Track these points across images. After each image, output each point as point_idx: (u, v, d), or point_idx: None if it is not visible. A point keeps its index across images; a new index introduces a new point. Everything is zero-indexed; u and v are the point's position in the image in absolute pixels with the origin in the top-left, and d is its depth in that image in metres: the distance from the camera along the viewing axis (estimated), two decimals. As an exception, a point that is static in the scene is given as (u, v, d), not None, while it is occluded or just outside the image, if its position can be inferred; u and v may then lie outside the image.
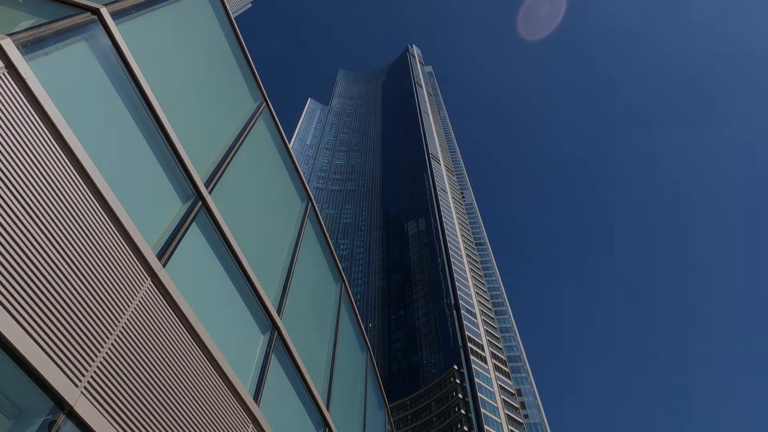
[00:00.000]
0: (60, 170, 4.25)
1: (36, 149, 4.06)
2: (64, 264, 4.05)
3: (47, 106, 4.23)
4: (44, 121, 4.21)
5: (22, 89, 4.03)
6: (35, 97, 4.13)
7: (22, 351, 3.50)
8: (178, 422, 4.88)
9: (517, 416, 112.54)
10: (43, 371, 3.64)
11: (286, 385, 7.72)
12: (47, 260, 3.91)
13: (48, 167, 4.14)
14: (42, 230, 3.92)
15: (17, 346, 3.46)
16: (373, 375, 13.96)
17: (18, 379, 3.59)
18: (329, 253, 11.60)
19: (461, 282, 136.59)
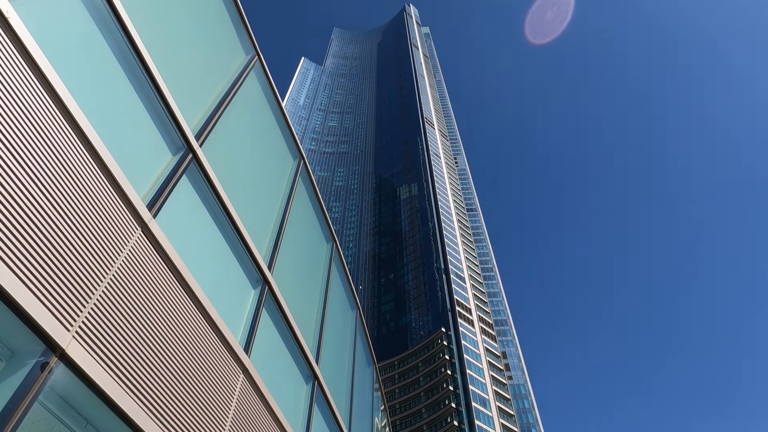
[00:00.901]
0: (49, 119, 4.19)
1: (23, 97, 3.99)
2: (54, 212, 4.05)
3: (34, 51, 4.13)
4: (31, 67, 4.11)
5: (6, 30, 3.91)
6: (21, 41, 4.02)
7: (14, 295, 3.53)
8: (170, 369, 4.99)
9: (502, 377, 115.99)
10: (35, 315, 3.69)
11: (276, 339, 7.87)
12: (38, 209, 3.89)
13: (36, 115, 4.07)
14: (32, 179, 3.89)
15: (9, 291, 3.49)
16: (362, 333, 14.25)
17: (10, 322, 3.64)
18: (321, 212, 11.63)
19: (451, 247, 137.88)
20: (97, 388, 4.03)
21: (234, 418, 5.95)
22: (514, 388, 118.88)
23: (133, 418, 4.32)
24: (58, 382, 3.90)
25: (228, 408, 5.86)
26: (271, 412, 7.00)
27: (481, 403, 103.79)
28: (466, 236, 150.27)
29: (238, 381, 6.20)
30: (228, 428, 5.78)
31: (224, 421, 5.72)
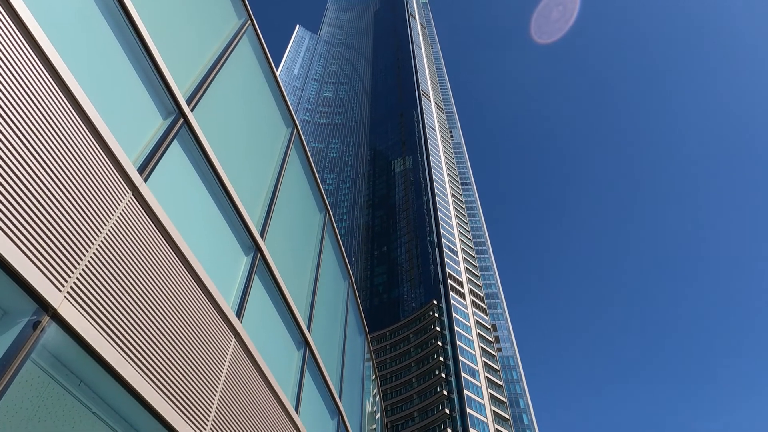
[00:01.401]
0: (40, 82, 4.14)
1: (14, 61, 3.91)
2: (45, 175, 4.03)
3: (25, 15, 4.05)
4: (22, 31, 4.04)
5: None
6: (12, 7, 3.94)
7: (6, 256, 3.54)
8: (162, 331, 5.05)
9: (491, 349, 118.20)
10: (27, 275, 3.71)
11: (268, 305, 7.95)
12: (29, 172, 3.87)
13: (27, 79, 4.01)
14: (23, 142, 3.86)
15: (1, 252, 3.50)
16: (354, 302, 14.41)
17: (2, 282, 3.66)
18: (314, 182, 11.60)
19: (445, 221, 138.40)
20: (90, 348, 4.08)
21: (226, 381, 6.06)
22: (503, 359, 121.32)
23: (126, 378, 4.40)
24: (50, 341, 3.95)
25: (220, 371, 5.96)
26: (263, 377, 7.13)
27: (470, 373, 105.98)
28: (460, 210, 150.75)
29: (229, 345, 6.29)
30: (220, 391, 5.89)
31: (216, 384, 5.83)
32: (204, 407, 5.50)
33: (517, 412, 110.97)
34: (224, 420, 5.86)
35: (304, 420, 8.45)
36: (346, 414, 11.43)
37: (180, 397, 5.11)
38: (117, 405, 4.69)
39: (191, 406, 5.27)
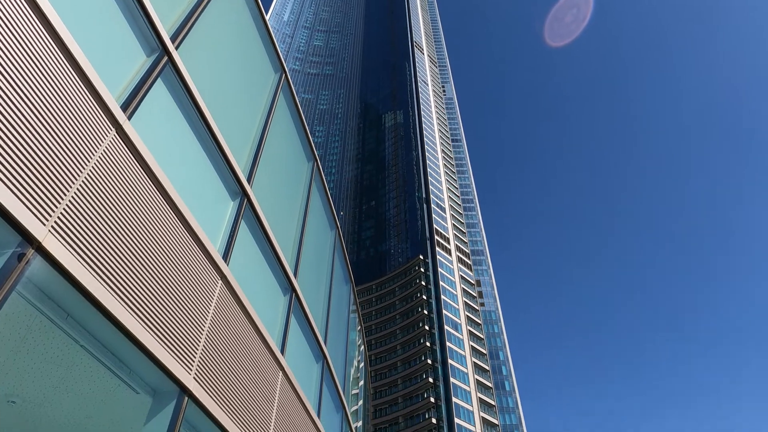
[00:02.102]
0: (20, 17, 3.98)
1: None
2: (28, 111, 3.95)
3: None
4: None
5: None
6: None
7: (-14, 186, 3.51)
8: (147, 269, 5.10)
9: (474, 304, 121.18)
10: (11, 208, 3.69)
11: (254, 251, 8.02)
12: (12, 107, 3.78)
13: (7, 14, 3.84)
14: (4, 77, 3.74)
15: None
16: (341, 252, 14.57)
17: (-16, 214, 3.64)
18: (302, 130, 11.46)
19: (434, 177, 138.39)
20: (75, 282, 4.12)
21: (212, 320, 6.18)
22: (486, 314, 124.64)
23: (113, 312, 4.47)
24: (35, 274, 3.97)
25: (206, 311, 6.07)
26: (250, 319, 7.28)
27: (453, 326, 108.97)
28: (449, 167, 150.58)
29: (216, 287, 6.38)
30: (207, 330, 6.02)
31: (203, 323, 5.95)
32: (191, 345, 5.64)
33: (497, 363, 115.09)
34: (211, 357, 6.02)
35: (290, 361, 8.71)
36: (330, 359, 11.78)
37: (167, 334, 5.22)
38: (105, 339, 4.78)
39: (178, 342, 5.40)
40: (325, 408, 11.09)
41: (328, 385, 11.65)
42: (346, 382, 14.21)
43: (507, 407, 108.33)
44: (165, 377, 5.23)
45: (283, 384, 8.26)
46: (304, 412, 9.32)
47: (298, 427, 8.87)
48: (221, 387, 6.18)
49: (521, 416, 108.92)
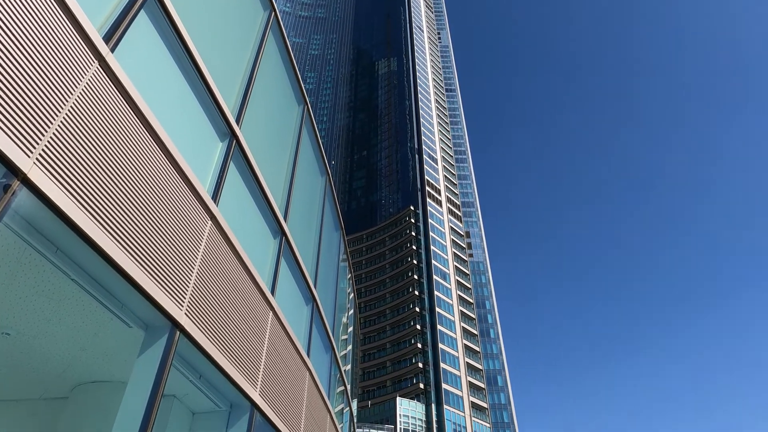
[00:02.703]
0: None
1: None
2: (8, 43, 3.81)
3: None
4: None
5: None
6: None
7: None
8: (134, 205, 5.09)
9: (463, 254, 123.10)
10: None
11: (244, 193, 8.01)
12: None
13: None
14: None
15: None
16: (331, 198, 14.59)
17: (-34, 144, 3.58)
18: (292, 72, 11.19)
19: (427, 127, 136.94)
20: (63, 215, 4.12)
21: (203, 259, 6.25)
22: (474, 264, 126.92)
23: (102, 247, 4.50)
24: (22, 206, 3.97)
25: (197, 250, 6.12)
26: (240, 259, 7.37)
27: (441, 276, 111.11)
28: (443, 117, 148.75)
29: (206, 226, 6.41)
30: (197, 268, 6.10)
31: (193, 261, 6.02)
32: (182, 281, 5.72)
33: (483, 312, 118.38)
34: (202, 295, 6.13)
35: (280, 302, 8.89)
36: (320, 302, 12.04)
37: (158, 270, 5.28)
38: (95, 273, 4.84)
39: (169, 279, 5.47)
40: (314, 348, 11.44)
41: (318, 327, 11.97)
42: (335, 325, 14.59)
43: (491, 353, 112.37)
44: (157, 312, 5.34)
45: (273, 323, 8.47)
46: (294, 350, 9.62)
47: (289, 364, 9.17)
48: (212, 323, 6.33)
49: (504, 362, 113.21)
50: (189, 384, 6.60)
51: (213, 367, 6.36)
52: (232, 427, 7.34)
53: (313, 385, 10.86)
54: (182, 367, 6.26)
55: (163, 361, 5.34)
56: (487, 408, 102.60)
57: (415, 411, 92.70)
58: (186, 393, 6.89)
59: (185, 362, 6.25)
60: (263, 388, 7.77)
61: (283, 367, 8.80)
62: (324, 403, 12.05)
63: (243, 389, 6.99)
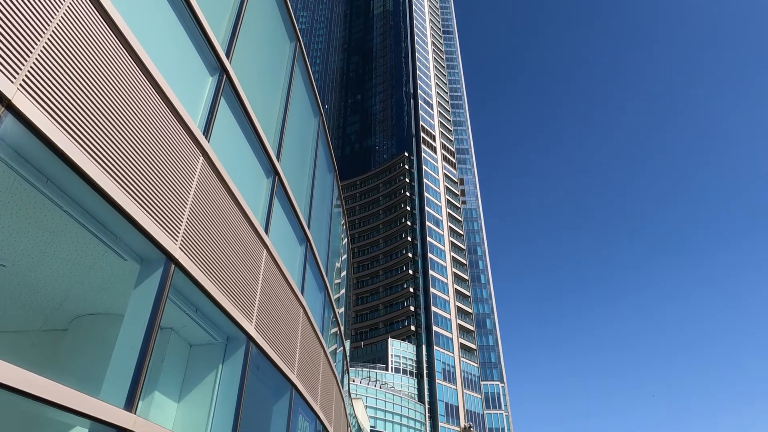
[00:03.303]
0: None
1: None
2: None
3: None
4: None
5: None
6: None
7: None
8: (123, 136, 5.01)
9: (456, 201, 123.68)
10: (-28, 61, 3.51)
11: (235, 129, 7.89)
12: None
13: None
14: None
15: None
16: (324, 140, 14.43)
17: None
18: (284, 6, 10.74)
19: (422, 71, 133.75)
20: (51, 144, 4.06)
21: (196, 195, 6.23)
22: (467, 211, 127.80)
23: (93, 177, 4.46)
24: (8, 134, 3.89)
25: (189, 185, 6.09)
26: (233, 196, 7.36)
27: (434, 222, 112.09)
28: (439, 61, 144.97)
29: (198, 162, 6.35)
30: (190, 203, 6.09)
31: (186, 196, 6.00)
32: (175, 216, 5.73)
33: (474, 258, 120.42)
34: (195, 230, 6.17)
35: (274, 241, 8.97)
36: (314, 242, 12.16)
37: (150, 203, 5.28)
38: (88, 205, 4.83)
39: (162, 213, 5.48)
40: (308, 287, 11.67)
41: (312, 267, 12.16)
42: (329, 268, 14.82)
43: (481, 298, 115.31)
44: (151, 245, 5.38)
45: (268, 261, 8.59)
46: (289, 288, 9.81)
47: (283, 301, 9.38)
48: (207, 258, 6.40)
49: (494, 306, 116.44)
50: (186, 317, 6.77)
51: (208, 301, 6.50)
52: (229, 359, 7.60)
53: (307, 322, 11.16)
54: (178, 300, 6.39)
55: (158, 293, 5.44)
56: (475, 349, 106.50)
57: (406, 351, 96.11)
58: (183, 325, 7.07)
59: (181, 295, 6.37)
60: (258, 322, 7.98)
61: (277, 303, 9.00)
62: (318, 340, 12.44)
63: (239, 322, 7.17)
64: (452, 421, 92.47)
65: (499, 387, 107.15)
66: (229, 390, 7.35)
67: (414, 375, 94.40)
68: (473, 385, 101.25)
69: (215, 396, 7.35)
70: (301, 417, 10.53)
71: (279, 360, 8.85)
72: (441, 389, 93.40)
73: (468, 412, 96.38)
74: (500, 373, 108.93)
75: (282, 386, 9.46)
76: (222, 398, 7.28)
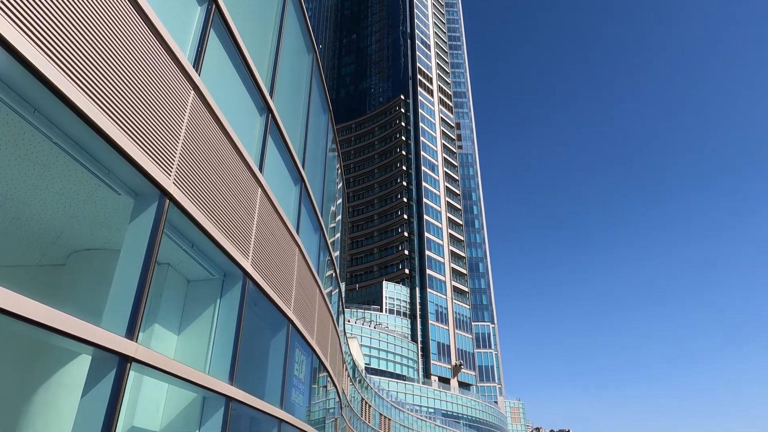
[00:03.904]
0: None
1: None
2: None
3: None
4: None
5: None
6: None
7: None
8: (109, 64, 4.86)
9: (452, 146, 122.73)
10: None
11: (227, 64, 7.66)
12: None
13: None
14: None
15: None
16: (318, 78, 14.08)
17: None
18: (274, -68, 10.15)
19: (420, 10, 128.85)
20: (36, 71, 3.92)
21: (188, 129, 6.13)
22: (463, 156, 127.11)
23: (81, 108, 4.36)
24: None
25: (181, 119, 5.98)
26: (226, 133, 7.25)
27: (429, 167, 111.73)
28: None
29: (189, 96, 6.20)
30: (182, 138, 6.00)
31: (178, 130, 5.90)
32: (168, 150, 5.66)
33: (469, 203, 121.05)
34: (189, 165, 6.11)
35: (268, 179, 8.94)
36: (309, 183, 12.13)
37: (141, 137, 5.20)
38: (78, 138, 4.75)
39: (154, 146, 5.41)
40: (303, 227, 11.76)
41: (307, 207, 12.20)
42: (324, 210, 14.87)
43: (475, 242, 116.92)
44: (144, 180, 5.34)
45: (262, 199, 8.59)
46: (284, 227, 9.88)
47: (279, 239, 9.47)
48: (201, 194, 6.39)
49: (487, 250, 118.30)
50: (182, 253, 6.84)
51: (204, 237, 6.54)
52: (227, 294, 7.76)
53: (303, 261, 11.33)
54: (174, 235, 6.43)
55: (154, 228, 5.46)
56: (467, 292, 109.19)
57: (401, 294, 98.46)
58: (180, 261, 7.16)
59: (177, 231, 6.41)
60: (254, 259, 8.09)
61: (273, 242, 9.09)
62: (314, 279, 12.68)
63: (235, 259, 7.27)
64: (443, 359, 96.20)
65: (490, 328, 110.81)
66: (228, 324, 7.55)
67: (407, 316, 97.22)
68: (465, 325, 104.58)
69: (214, 329, 7.57)
70: (298, 351, 10.91)
71: (276, 296, 9.05)
72: (433, 329, 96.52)
73: (459, 351, 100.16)
74: (491, 315, 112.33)
75: (279, 321, 9.73)
76: (221, 331, 7.50)
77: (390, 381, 77.59)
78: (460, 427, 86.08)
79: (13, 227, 6.11)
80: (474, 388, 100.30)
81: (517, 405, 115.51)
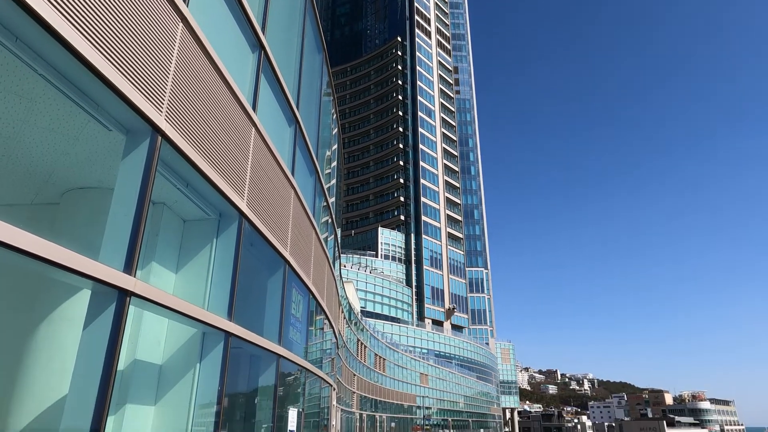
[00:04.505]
0: None
1: None
2: None
3: None
4: None
5: None
6: None
7: None
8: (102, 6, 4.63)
9: (450, 91, 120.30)
10: None
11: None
12: None
13: None
14: None
15: None
16: (312, 15, 13.55)
17: None
18: None
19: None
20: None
21: (178, 64, 5.94)
22: (460, 101, 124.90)
23: (65, 36, 4.19)
24: (-33, -19, 3.57)
25: (170, 53, 5.78)
26: (218, 70, 7.03)
27: (426, 112, 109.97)
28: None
29: (177, 28, 5.97)
30: (173, 73, 5.82)
31: (168, 65, 5.72)
32: (158, 85, 5.51)
33: (465, 150, 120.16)
34: (181, 102, 5.97)
35: (262, 119, 8.77)
36: (303, 124, 11.94)
37: (129, 70, 5.03)
38: (63, 69, 4.60)
39: (144, 81, 5.25)
40: (298, 169, 11.67)
41: (301, 149, 12.06)
42: (319, 155, 14.71)
43: (470, 189, 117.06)
44: (135, 115, 5.22)
45: (257, 139, 8.47)
46: (279, 168, 9.81)
47: (274, 180, 9.42)
48: (194, 132, 6.28)
49: (482, 197, 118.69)
50: (177, 192, 6.80)
51: (199, 176, 6.49)
52: (222, 234, 7.80)
53: (298, 203, 11.33)
54: (168, 174, 6.37)
55: (147, 166, 5.39)
56: (462, 238, 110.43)
57: (396, 240, 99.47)
58: (175, 200, 7.14)
59: (171, 169, 6.35)
60: (250, 199, 8.07)
61: (268, 183, 9.05)
62: (309, 221, 12.74)
63: (230, 198, 7.25)
64: (437, 303, 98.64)
65: (483, 273, 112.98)
66: (224, 263, 7.64)
67: (402, 261, 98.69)
68: (458, 271, 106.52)
69: (211, 268, 7.66)
70: (295, 291, 11.12)
71: (272, 236, 9.11)
72: (428, 275, 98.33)
73: (452, 296, 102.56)
74: (485, 261, 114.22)
75: (275, 262, 9.85)
76: (218, 270, 7.59)
77: (385, 323, 79.82)
78: (452, 366, 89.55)
79: (2, 164, 6.02)
80: (466, 331, 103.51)
81: (508, 346, 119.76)
